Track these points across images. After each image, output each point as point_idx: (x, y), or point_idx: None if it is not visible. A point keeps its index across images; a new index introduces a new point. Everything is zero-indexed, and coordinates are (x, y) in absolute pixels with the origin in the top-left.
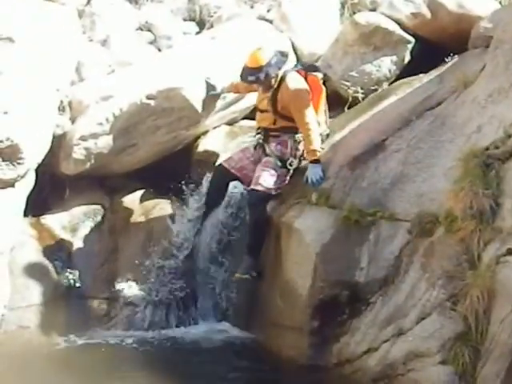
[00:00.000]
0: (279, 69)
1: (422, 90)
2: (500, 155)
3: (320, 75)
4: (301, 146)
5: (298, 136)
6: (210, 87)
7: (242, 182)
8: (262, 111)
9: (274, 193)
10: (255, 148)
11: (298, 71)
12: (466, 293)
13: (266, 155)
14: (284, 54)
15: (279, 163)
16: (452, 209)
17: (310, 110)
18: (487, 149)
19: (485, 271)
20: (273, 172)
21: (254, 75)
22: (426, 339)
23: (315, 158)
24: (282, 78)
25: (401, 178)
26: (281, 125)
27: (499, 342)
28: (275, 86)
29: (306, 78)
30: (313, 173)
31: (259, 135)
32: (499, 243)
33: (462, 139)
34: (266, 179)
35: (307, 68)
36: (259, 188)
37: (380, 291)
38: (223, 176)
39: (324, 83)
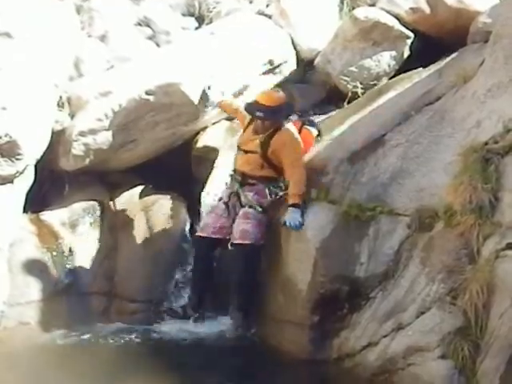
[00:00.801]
0: (286, 117)
1: (421, 84)
2: (499, 150)
3: (315, 132)
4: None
5: (275, 186)
6: (205, 97)
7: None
8: (246, 152)
9: (262, 242)
10: (229, 197)
11: (294, 122)
12: (465, 287)
13: (242, 205)
14: (293, 106)
15: (260, 209)
16: (451, 203)
17: (300, 158)
18: (486, 143)
19: (484, 266)
20: (256, 222)
21: (263, 112)
22: (426, 334)
23: (296, 202)
24: (279, 124)
25: (400, 172)
26: (262, 173)
27: (499, 336)
28: (271, 131)
29: (300, 130)
30: (292, 218)
31: (234, 181)
32: (498, 237)
33: (462, 134)
34: (253, 231)
35: (305, 120)
36: (247, 241)
37: (380, 286)
38: (206, 246)
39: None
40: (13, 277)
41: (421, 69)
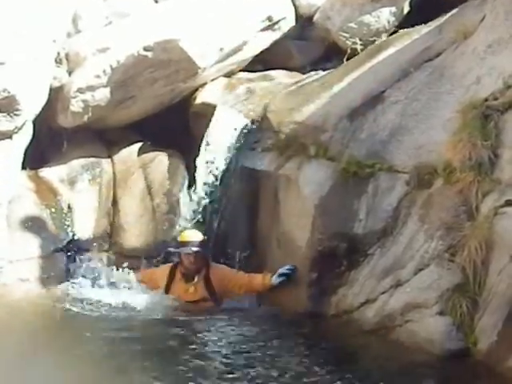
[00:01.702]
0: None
1: (420, 41)
2: (499, 106)
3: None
4: None
5: None
6: None
7: None
8: (193, 302)
9: None
10: None
11: None
12: (464, 244)
13: None
14: None
15: None
16: (450, 160)
17: (236, 272)
18: (486, 100)
19: (483, 222)
20: None
21: (197, 246)
22: (424, 290)
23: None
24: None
25: (399, 129)
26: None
27: (497, 292)
28: (203, 272)
29: None
30: (282, 273)
31: None
32: (497, 194)
33: (461, 90)
34: None
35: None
36: None
37: (378, 243)
38: None
39: None
40: (12, 233)
41: (421, 25)
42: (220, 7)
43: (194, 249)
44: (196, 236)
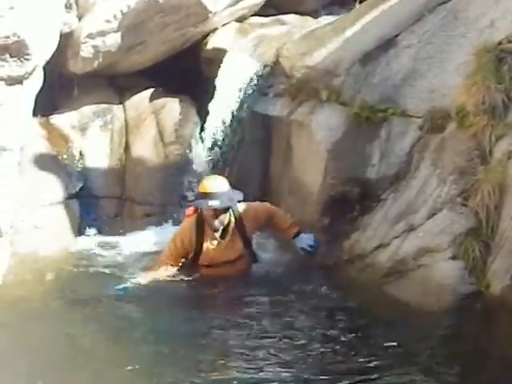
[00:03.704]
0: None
1: None
2: None
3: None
4: None
5: None
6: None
7: None
8: (228, 262)
9: None
10: None
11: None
12: (477, 188)
13: None
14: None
15: None
16: (464, 104)
17: (262, 204)
18: (500, 43)
19: (496, 166)
20: None
21: (217, 199)
22: (437, 235)
23: (296, 230)
24: (235, 212)
25: (412, 73)
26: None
27: (509, 237)
28: (233, 220)
29: None
30: (305, 243)
31: None
32: (511, 138)
33: (475, 34)
34: None
35: None
36: None
37: (391, 188)
38: None
39: None
40: (24, 180)
41: None
42: None
43: (213, 203)
44: (218, 186)
